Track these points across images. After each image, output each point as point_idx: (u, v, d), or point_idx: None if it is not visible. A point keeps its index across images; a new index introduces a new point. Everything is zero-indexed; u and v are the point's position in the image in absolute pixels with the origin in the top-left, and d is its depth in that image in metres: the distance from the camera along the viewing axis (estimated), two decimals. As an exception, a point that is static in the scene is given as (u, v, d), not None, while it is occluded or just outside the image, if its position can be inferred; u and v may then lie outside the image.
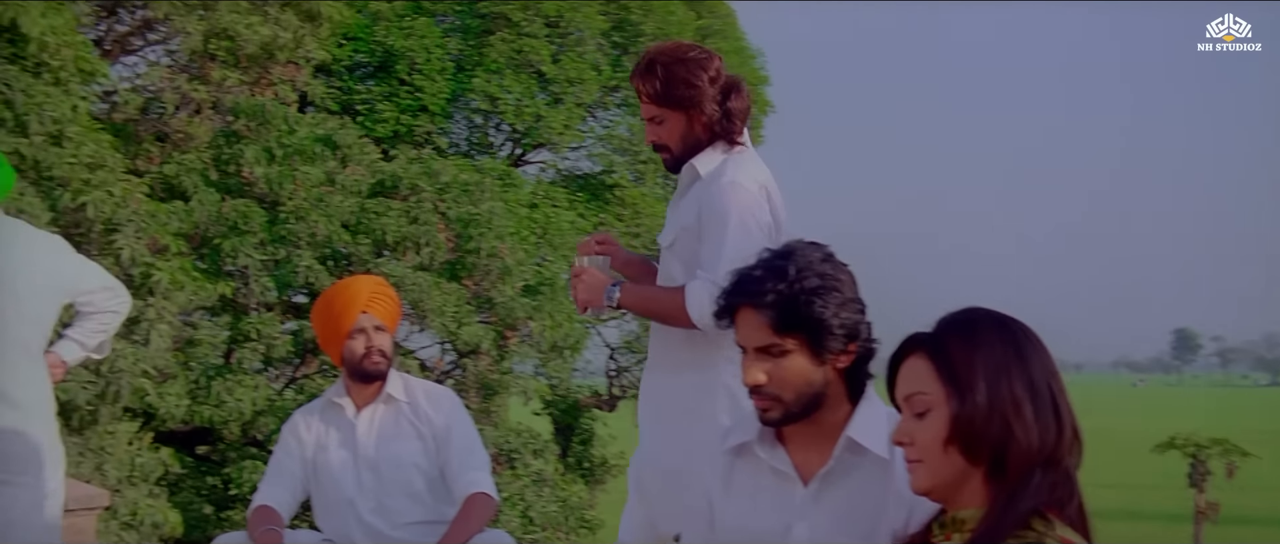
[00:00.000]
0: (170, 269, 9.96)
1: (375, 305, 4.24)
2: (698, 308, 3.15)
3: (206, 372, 11.43)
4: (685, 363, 3.35)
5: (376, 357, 4.21)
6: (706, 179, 3.36)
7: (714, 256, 3.19)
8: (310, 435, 4.32)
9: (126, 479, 9.93)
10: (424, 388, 4.35)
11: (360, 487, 4.20)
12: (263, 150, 12.67)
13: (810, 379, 2.48)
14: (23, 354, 4.33)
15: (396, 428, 4.25)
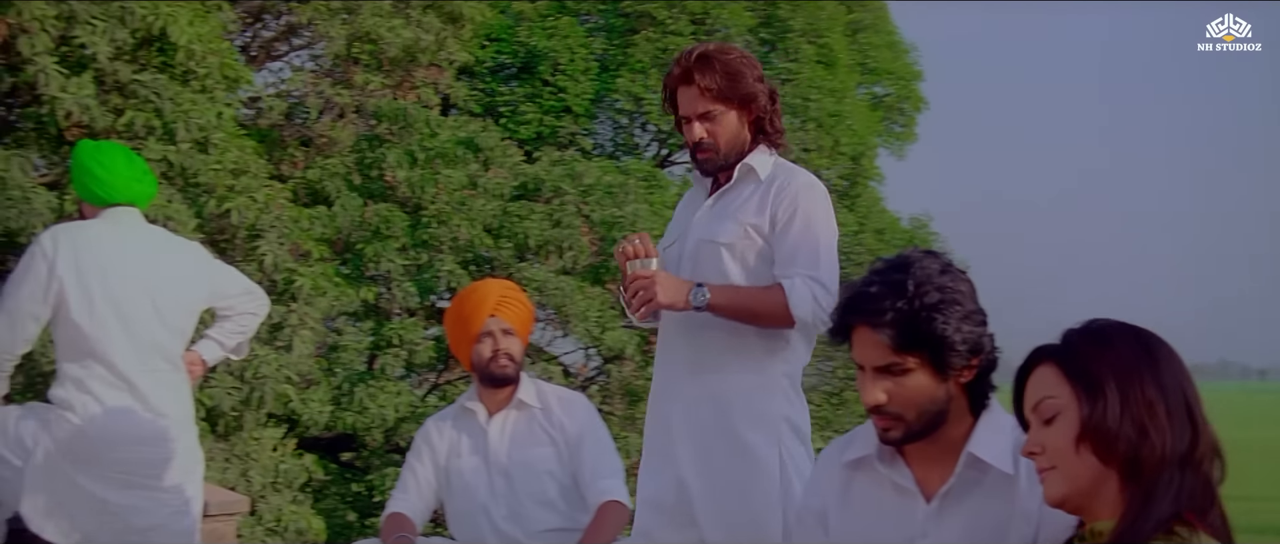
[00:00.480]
0: (313, 275, 10.14)
1: (504, 309, 4.25)
2: (803, 306, 3.17)
3: (349, 378, 11.62)
4: (735, 364, 3.31)
5: (503, 360, 4.23)
6: (771, 179, 3.35)
7: (811, 255, 3.23)
8: (443, 442, 4.37)
9: (270, 485, 10.13)
10: (557, 394, 4.37)
11: (493, 493, 4.24)
12: (405, 154, 12.84)
13: (933, 397, 2.43)
14: (164, 361, 4.44)
15: (529, 434, 4.28)
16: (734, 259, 3.30)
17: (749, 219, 3.29)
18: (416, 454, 4.41)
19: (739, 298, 3.23)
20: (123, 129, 9.24)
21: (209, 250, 9.11)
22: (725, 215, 3.34)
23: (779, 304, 3.19)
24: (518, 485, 4.19)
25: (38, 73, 8.78)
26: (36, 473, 4.32)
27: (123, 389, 4.30)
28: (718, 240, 3.31)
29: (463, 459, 4.30)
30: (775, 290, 3.22)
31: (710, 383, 3.30)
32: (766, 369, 3.30)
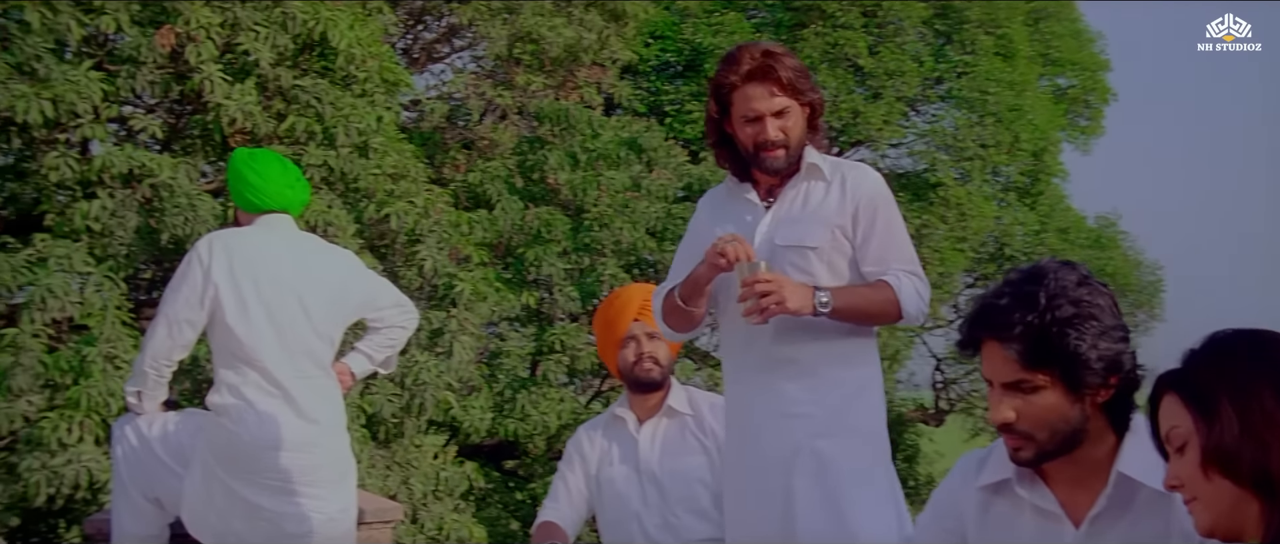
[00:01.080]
0: (473, 280, 10.29)
1: (648, 313, 4.25)
2: (910, 301, 3.22)
3: (511, 384, 11.76)
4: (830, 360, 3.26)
5: (648, 364, 4.23)
6: (836, 175, 3.35)
7: (904, 249, 3.29)
8: (594, 451, 4.39)
9: (432, 493, 10.31)
10: (709, 401, 4.35)
11: (645, 502, 4.24)
12: (567, 156, 12.95)
13: (1066, 416, 2.33)
14: (315, 367, 4.54)
15: (680, 442, 4.27)
16: (821, 262, 3.27)
17: (832, 220, 3.28)
18: (568, 463, 4.44)
19: (856, 299, 3.21)
20: (284, 135, 9.52)
21: (368, 255, 9.44)
22: (804, 218, 3.30)
23: (890, 302, 3.21)
24: (669, 494, 4.19)
25: (203, 80, 9.10)
26: (194, 478, 4.46)
27: (276, 395, 4.41)
28: (805, 245, 3.27)
29: (614, 468, 4.31)
30: (883, 287, 3.23)
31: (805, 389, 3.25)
32: (861, 364, 3.31)
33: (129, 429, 4.61)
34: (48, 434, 7.95)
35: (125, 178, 8.84)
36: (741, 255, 3.18)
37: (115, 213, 8.73)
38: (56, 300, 8.24)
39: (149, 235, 8.82)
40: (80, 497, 8.23)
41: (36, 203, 9.26)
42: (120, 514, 4.60)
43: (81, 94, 8.58)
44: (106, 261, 8.70)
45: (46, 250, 8.55)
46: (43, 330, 8.33)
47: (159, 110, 10.12)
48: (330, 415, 4.60)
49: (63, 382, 8.24)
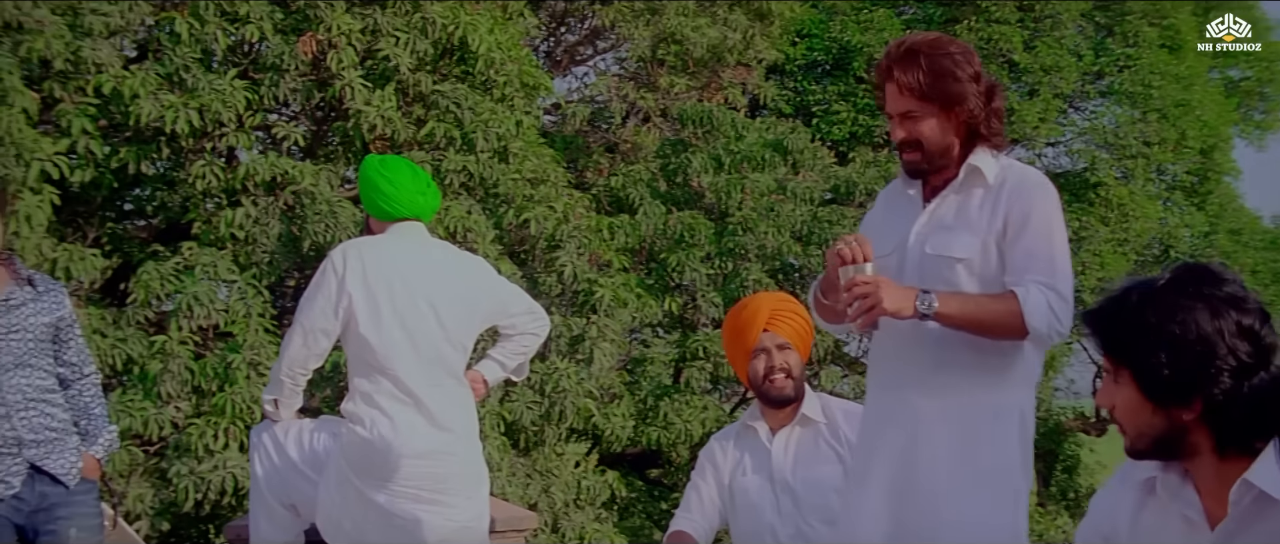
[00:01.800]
0: (613, 285, 10.34)
1: (778, 323, 4.22)
2: (1038, 316, 3.07)
3: (654, 391, 11.78)
4: (971, 380, 3.14)
5: (779, 377, 4.20)
6: (1000, 182, 3.21)
7: (1046, 262, 3.12)
8: (726, 461, 4.38)
9: (573, 502, 10.38)
10: (843, 408, 4.31)
11: (778, 512, 4.22)
12: (710, 158, 12.95)
13: (1148, 421, 2.36)
14: (448, 376, 4.60)
15: (814, 451, 4.23)
16: (971, 276, 3.14)
17: (984, 231, 3.14)
18: (700, 472, 4.43)
19: (968, 306, 3.08)
20: (424, 140, 9.69)
21: (507, 262, 9.55)
22: (956, 226, 3.18)
23: (1012, 314, 3.06)
24: (803, 503, 4.16)
25: (344, 87, 9.31)
26: (329, 485, 4.55)
27: (409, 404, 4.47)
28: (952, 255, 3.15)
29: (746, 477, 4.29)
30: (1008, 298, 3.08)
31: (943, 401, 3.17)
32: (1004, 389, 3.18)
33: (266, 436, 4.72)
34: (195, 440, 8.21)
35: (268, 185, 9.09)
36: (855, 256, 3.12)
37: (258, 220, 8.98)
38: (202, 308, 8.51)
39: (291, 242, 9.05)
40: (226, 502, 8.47)
41: (184, 211, 9.57)
42: (258, 520, 4.71)
43: (226, 103, 8.84)
44: (250, 269, 8.95)
45: (193, 258, 8.83)
46: (190, 337, 8.61)
47: (301, 117, 10.39)
48: (463, 423, 4.64)
49: (209, 388, 8.50)
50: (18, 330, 4.02)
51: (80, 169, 8.88)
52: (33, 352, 4.06)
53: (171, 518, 8.82)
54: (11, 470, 3.95)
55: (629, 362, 12.39)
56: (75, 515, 4.06)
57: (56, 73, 8.96)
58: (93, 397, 4.31)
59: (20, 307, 4.05)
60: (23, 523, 3.99)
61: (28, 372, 4.03)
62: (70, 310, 4.25)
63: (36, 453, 3.98)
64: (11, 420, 3.95)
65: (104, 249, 9.67)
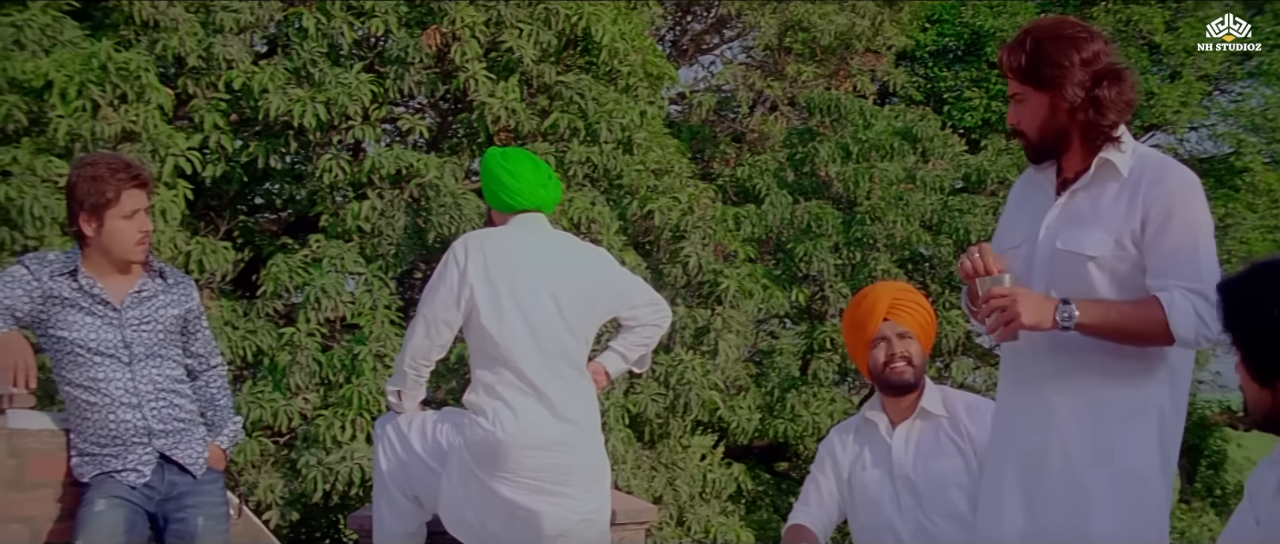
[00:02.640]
0: (739, 276, 10.34)
1: (898, 312, 4.20)
2: (1184, 323, 2.96)
3: (781, 383, 11.77)
4: (1108, 378, 3.05)
5: (899, 365, 4.18)
6: (1137, 175, 3.08)
7: (1191, 264, 3.00)
8: (846, 454, 4.37)
9: (698, 495, 10.42)
10: (964, 401, 4.27)
11: (899, 509, 4.19)
12: (838, 147, 12.88)
13: (1256, 395, 2.49)
14: (570, 367, 4.65)
15: (935, 444, 4.20)
16: (1103, 273, 3.04)
17: (1119, 227, 3.03)
18: (819, 466, 4.42)
19: (1111, 316, 2.97)
20: (547, 131, 9.79)
21: (632, 253, 9.61)
22: (1089, 221, 3.07)
23: (1156, 323, 2.95)
24: (924, 499, 4.13)
25: (468, 79, 9.45)
26: (451, 476, 4.63)
27: (530, 395, 4.53)
28: (1083, 252, 3.05)
29: (866, 472, 4.27)
30: (1152, 306, 2.97)
31: (1077, 399, 3.10)
32: (1146, 386, 3.09)
33: (390, 428, 4.81)
34: (323, 431, 8.40)
35: (394, 178, 9.26)
36: (979, 268, 3.08)
37: (384, 213, 9.16)
38: (330, 299, 8.71)
39: (417, 234, 9.21)
40: (354, 493, 8.66)
41: (312, 204, 9.80)
42: (381, 511, 4.81)
43: (352, 96, 9.03)
44: (376, 261, 9.13)
45: (321, 251, 9.04)
46: (318, 329, 8.81)
47: (426, 110, 10.56)
48: (585, 415, 4.69)
49: (336, 380, 8.69)
50: (149, 322, 4.13)
51: (212, 163, 9.14)
52: (163, 343, 4.16)
53: (301, 508, 9.03)
54: (143, 460, 4.06)
55: (755, 353, 12.39)
56: (202, 505, 4.15)
57: (190, 69, 9.24)
58: (219, 388, 4.43)
59: (152, 298, 4.16)
60: (153, 511, 4.10)
61: (158, 362, 4.13)
62: (198, 303, 4.36)
63: (165, 443, 4.09)
64: (143, 410, 4.06)
65: (235, 242, 9.94)
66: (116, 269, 4.11)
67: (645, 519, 5.75)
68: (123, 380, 4.04)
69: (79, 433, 4.10)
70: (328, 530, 12.12)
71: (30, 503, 4.16)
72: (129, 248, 4.07)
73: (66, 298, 4.04)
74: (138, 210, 4.07)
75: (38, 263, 4.08)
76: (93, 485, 4.04)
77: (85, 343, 4.03)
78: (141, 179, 4.08)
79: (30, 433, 4.17)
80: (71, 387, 4.07)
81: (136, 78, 8.56)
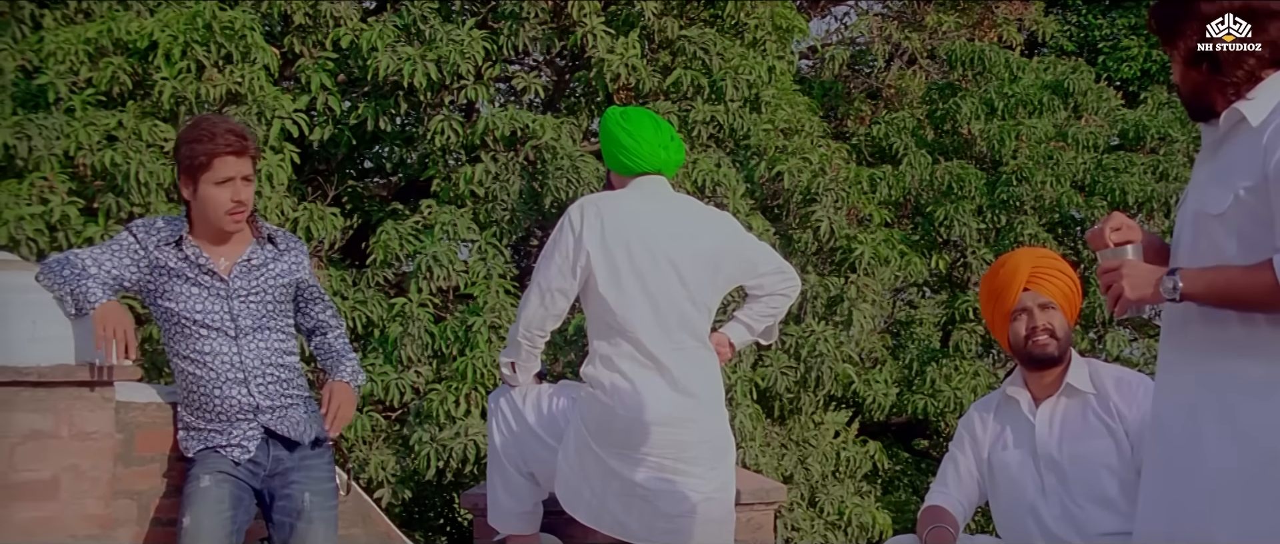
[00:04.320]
0: (873, 242, 10.28)
1: (1040, 281, 4.16)
2: None
3: (920, 356, 11.70)
4: (1248, 347, 2.95)
5: (1042, 337, 4.14)
6: (1266, 124, 2.96)
7: None
8: (985, 432, 4.35)
9: (831, 474, 10.40)
10: (1114, 376, 4.21)
11: (1042, 491, 4.16)
12: (982, 103, 12.73)
13: None
14: (692, 339, 4.68)
15: (1082, 424, 4.16)
16: (1229, 233, 2.96)
17: (1239, 180, 2.96)
18: (958, 443, 4.40)
19: (1217, 283, 2.89)
20: (670, 89, 9.80)
21: (759, 217, 9.60)
22: (1222, 178, 3.02)
23: (1269, 288, 2.87)
24: (1071, 482, 4.08)
25: (586, 35, 9.49)
26: (568, 452, 4.69)
27: (650, 367, 4.57)
28: (1208, 211, 2.99)
29: (1007, 452, 4.23)
30: (1263, 272, 2.88)
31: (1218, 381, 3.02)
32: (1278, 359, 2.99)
33: (504, 402, 4.89)
34: (435, 406, 8.53)
35: (508, 140, 9.35)
36: (1101, 241, 3.05)
37: (498, 177, 9.25)
38: (442, 268, 8.83)
39: (532, 199, 9.29)
40: (469, 471, 8.78)
41: (423, 168, 9.93)
42: (495, 488, 4.89)
43: (465, 54, 9.12)
44: (490, 228, 9.22)
45: (433, 217, 9.16)
46: (430, 299, 8.93)
47: (542, 68, 10.62)
48: (707, 389, 4.72)
49: (449, 352, 8.81)
50: (258, 292, 4.19)
51: (319, 126, 9.30)
52: (272, 314, 4.22)
53: (413, 486, 9.18)
54: (247, 435, 4.15)
55: (892, 324, 12.32)
56: (309, 480, 4.22)
57: (296, 27, 9.40)
58: (344, 346, 4.46)
59: (262, 267, 4.22)
60: (259, 487, 4.19)
61: (267, 335, 4.19)
62: (310, 270, 4.42)
63: (271, 418, 4.16)
64: (249, 386, 4.13)
65: (343, 208, 10.12)
66: (219, 237, 4.18)
67: (774, 499, 5.77)
68: (229, 354, 4.12)
69: (186, 406, 4.20)
70: (441, 509, 12.33)
71: (138, 477, 4.29)
72: (220, 216, 4.12)
73: (172, 268, 4.13)
74: (231, 178, 4.10)
75: (145, 230, 4.18)
76: (197, 461, 4.14)
77: (191, 314, 4.12)
78: (237, 146, 4.10)
79: (138, 405, 4.30)
80: (178, 359, 4.16)
81: (241, 37, 8.74)
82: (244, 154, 4.13)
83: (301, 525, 4.17)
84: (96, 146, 8.36)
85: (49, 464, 4.08)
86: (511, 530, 4.92)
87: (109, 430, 4.19)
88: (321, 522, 4.21)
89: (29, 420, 4.04)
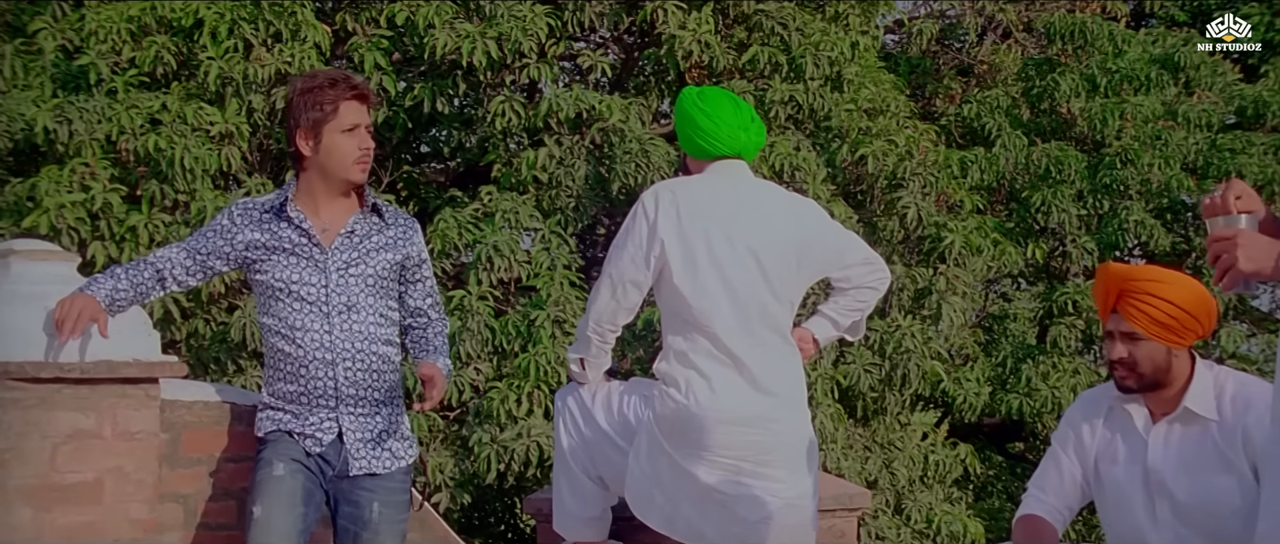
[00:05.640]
0: (965, 230, 10.21)
1: (1127, 307, 4.01)
2: None
3: (1015, 353, 11.62)
4: None
5: (1120, 371, 4.04)
6: None
7: None
8: (1094, 438, 4.25)
9: (919, 480, 10.35)
10: (1243, 395, 4.03)
11: (1153, 517, 4.07)
12: (1083, 79, 12.61)
13: None
14: (774, 334, 4.65)
15: (1199, 454, 4.02)
16: None
17: None
18: (1062, 442, 4.30)
19: None
20: (746, 67, 9.78)
21: (841, 204, 9.56)
22: None
23: None
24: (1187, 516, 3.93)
25: (656, 9, 9.48)
26: (639, 454, 4.68)
27: (728, 364, 4.54)
28: None
29: (1117, 467, 4.12)
30: None
31: None
32: None
33: (572, 400, 4.88)
34: (496, 405, 8.55)
35: (573, 122, 9.35)
36: (1217, 207, 3.00)
37: (563, 161, 9.26)
38: (503, 259, 8.84)
39: (599, 185, 9.29)
40: (531, 474, 8.80)
41: (483, 152, 9.96)
42: (562, 493, 4.89)
43: (527, 31, 9.13)
44: (554, 215, 9.24)
45: (493, 204, 9.18)
46: (490, 292, 8.95)
47: (609, 45, 10.62)
48: (789, 387, 4.68)
49: (510, 349, 8.83)
50: (357, 266, 4.18)
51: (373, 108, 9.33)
52: (371, 292, 4.21)
53: (473, 490, 9.21)
54: (323, 426, 4.14)
55: (985, 318, 12.24)
56: (381, 488, 4.20)
57: (348, 3, 9.46)
58: (442, 344, 4.46)
59: (364, 240, 4.22)
60: (327, 487, 4.17)
61: (361, 315, 4.17)
62: (421, 246, 4.39)
63: (352, 413, 4.14)
64: (336, 369, 4.11)
65: (399, 195, 10.16)
66: (335, 194, 4.20)
67: (858, 506, 5.74)
68: (319, 331, 4.12)
69: (269, 382, 4.21)
70: (502, 515, 12.37)
71: (185, 480, 4.33)
72: (348, 166, 4.17)
73: (268, 243, 4.15)
74: (358, 125, 4.19)
75: (243, 212, 4.21)
76: (269, 443, 4.14)
77: (286, 284, 4.14)
78: (361, 91, 4.22)
79: (184, 404, 4.33)
80: (268, 333, 4.19)
81: (291, 14, 8.80)
82: (367, 100, 4.24)
83: (367, 536, 4.17)
84: (139, 131, 8.45)
85: (92, 466, 4.12)
86: (578, 537, 4.91)
87: (154, 430, 4.23)
88: (389, 535, 4.21)
89: (71, 419, 4.09)
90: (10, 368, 4.01)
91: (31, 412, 4.02)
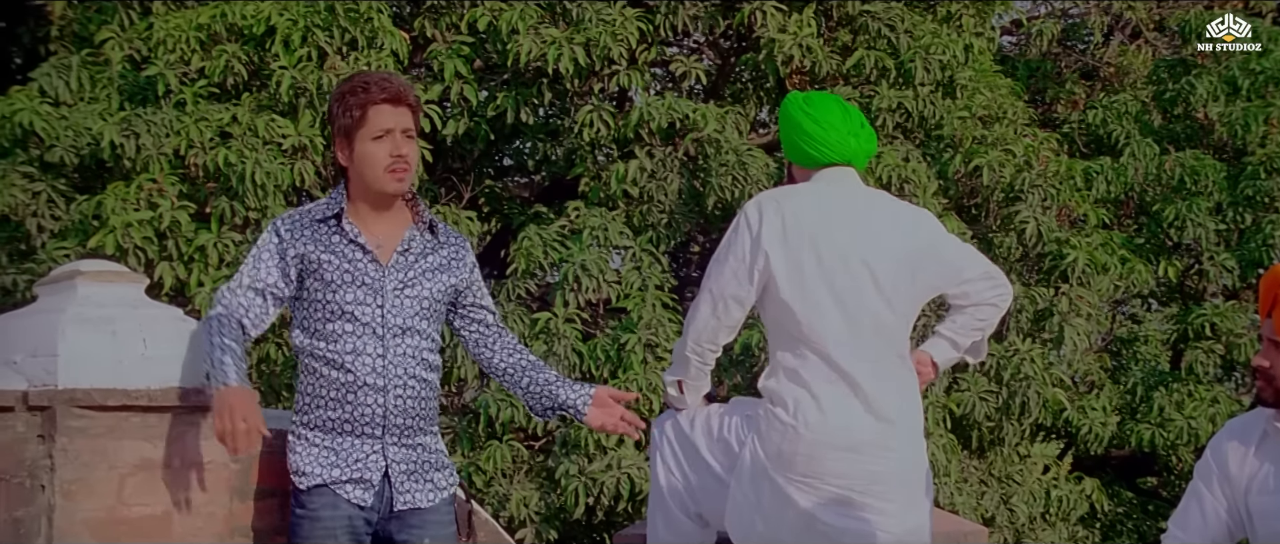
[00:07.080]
0: (1090, 246, 10.12)
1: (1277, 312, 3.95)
2: None
3: (1146, 380, 11.50)
4: None
5: (1260, 382, 3.95)
6: None
7: None
8: (1242, 469, 4.16)
9: (1041, 516, 10.25)
10: None
11: None
12: (1222, 82, 12.47)
13: None
14: (890, 352, 4.61)
15: None
16: None
17: None
18: (1205, 476, 4.21)
19: None
20: (851, 73, 9.75)
21: (954, 218, 9.49)
22: None
23: None
24: None
25: (753, 11, 9.47)
26: (741, 479, 4.64)
27: (841, 384, 4.49)
28: None
29: (1270, 498, 4.03)
30: None
31: None
32: None
33: (669, 427, 4.85)
34: (584, 435, 8.56)
35: (666, 133, 9.36)
36: None
37: (655, 174, 9.26)
38: (591, 279, 8.86)
39: (693, 200, 9.29)
40: (622, 508, 8.80)
41: (570, 165, 9.98)
42: (656, 528, 4.86)
43: (617, 36, 9.16)
44: (645, 232, 9.24)
45: (580, 221, 9.20)
46: (577, 314, 8.97)
47: (704, 51, 10.62)
48: (906, 413, 4.64)
49: (599, 374, 8.83)
50: (413, 286, 4.17)
51: (454, 119, 9.40)
52: (424, 315, 4.20)
53: (560, 525, 9.22)
54: (369, 461, 4.11)
55: (1112, 342, 12.11)
56: (428, 522, 4.20)
57: (427, 8, 9.52)
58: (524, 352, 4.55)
59: (420, 258, 4.21)
60: (375, 527, 4.15)
61: (414, 339, 4.16)
62: (474, 266, 4.40)
63: (397, 442, 4.12)
64: (386, 396, 4.10)
65: (481, 211, 10.21)
66: (381, 206, 4.16)
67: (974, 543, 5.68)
68: (373, 355, 4.09)
69: (305, 410, 4.15)
70: (591, 553, 12.38)
71: (256, 513, 4.31)
72: (380, 175, 4.09)
73: (320, 256, 4.10)
74: (389, 131, 4.09)
75: (290, 224, 4.15)
76: (308, 501, 4.09)
77: (340, 304, 4.09)
78: (392, 93, 4.10)
79: (257, 432, 4.33)
80: (312, 358, 4.13)
81: (367, 20, 8.88)
82: (401, 103, 4.11)
83: None
84: (209, 144, 8.54)
85: (160, 498, 4.12)
86: (674, 578, 4.89)
87: (223, 460, 4.22)
88: None
89: (139, 449, 4.10)
90: (77, 395, 4.02)
91: (99, 440, 4.04)
